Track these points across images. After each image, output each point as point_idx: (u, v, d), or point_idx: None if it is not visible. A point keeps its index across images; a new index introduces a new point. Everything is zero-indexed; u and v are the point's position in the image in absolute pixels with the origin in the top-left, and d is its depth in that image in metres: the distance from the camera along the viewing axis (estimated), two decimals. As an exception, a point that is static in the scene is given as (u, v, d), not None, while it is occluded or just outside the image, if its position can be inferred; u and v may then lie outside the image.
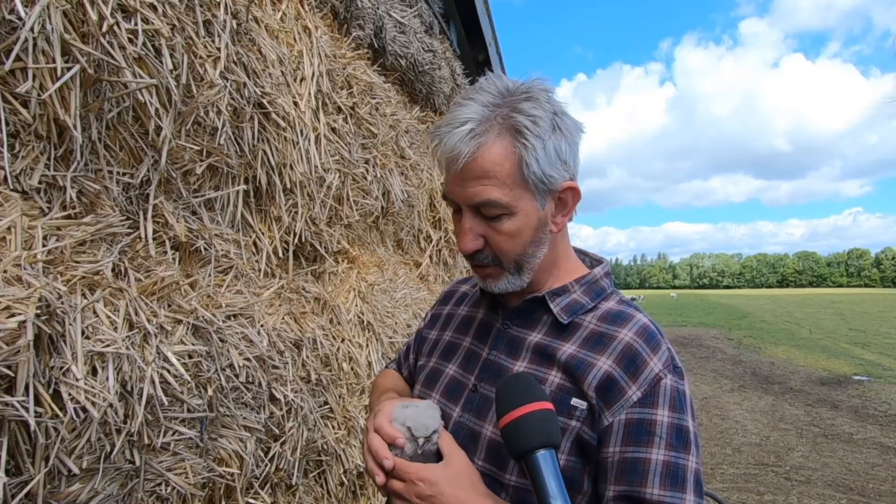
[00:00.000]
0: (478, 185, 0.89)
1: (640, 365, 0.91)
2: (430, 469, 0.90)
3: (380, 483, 0.93)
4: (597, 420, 0.90)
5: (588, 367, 0.92)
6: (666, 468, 0.85)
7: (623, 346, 0.92)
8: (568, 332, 0.98)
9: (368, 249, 2.65)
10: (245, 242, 1.83)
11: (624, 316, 0.98)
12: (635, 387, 0.89)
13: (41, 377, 1.13)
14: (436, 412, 0.97)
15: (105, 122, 1.31)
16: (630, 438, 0.87)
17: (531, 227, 0.94)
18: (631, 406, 0.88)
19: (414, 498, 0.88)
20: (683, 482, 0.85)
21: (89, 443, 1.24)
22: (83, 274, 1.25)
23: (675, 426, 0.88)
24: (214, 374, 1.58)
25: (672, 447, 0.86)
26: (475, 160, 0.87)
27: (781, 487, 5.34)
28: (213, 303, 1.61)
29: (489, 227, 0.93)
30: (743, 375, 11.47)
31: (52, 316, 1.14)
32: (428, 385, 1.10)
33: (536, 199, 0.92)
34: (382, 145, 2.51)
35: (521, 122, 0.87)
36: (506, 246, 0.94)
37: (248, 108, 1.69)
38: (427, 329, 1.25)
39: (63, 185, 1.23)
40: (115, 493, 1.37)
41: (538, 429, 0.77)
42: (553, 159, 0.90)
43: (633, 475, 0.86)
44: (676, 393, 0.90)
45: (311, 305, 2.09)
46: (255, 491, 1.83)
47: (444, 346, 1.14)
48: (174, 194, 1.55)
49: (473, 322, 1.13)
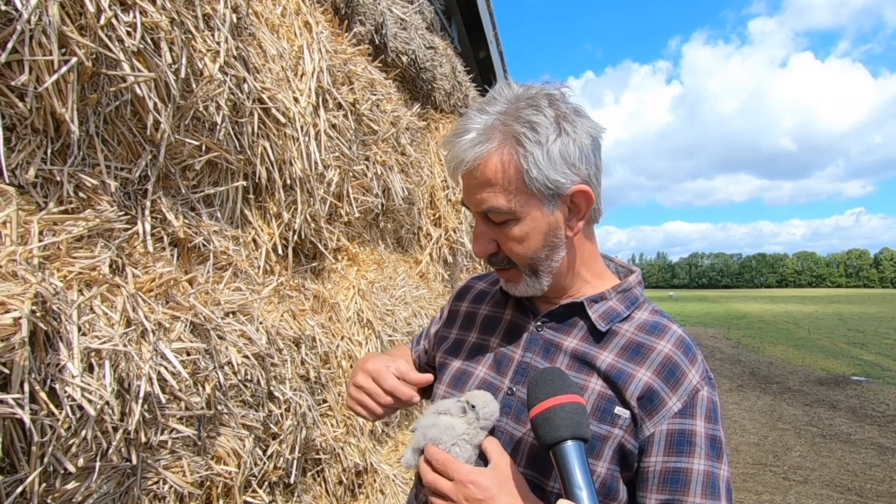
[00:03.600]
0: (482, 192, 0.91)
1: (680, 377, 0.93)
2: (481, 472, 0.89)
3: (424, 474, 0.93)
4: (639, 429, 0.91)
5: (629, 378, 0.93)
6: (706, 478, 0.89)
7: (663, 358, 0.94)
8: (605, 340, 0.99)
9: (368, 247, 2.64)
10: (244, 239, 1.81)
11: (660, 327, 1.00)
12: (675, 398, 0.91)
13: (37, 374, 1.12)
14: (489, 395, 0.96)
15: (103, 116, 1.29)
16: (672, 449, 0.90)
17: (540, 232, 0.94)
18: (672, 417, 0.91)
19: (462, 500, 0.87)
20: (720, 491, 0.89)
21: (85, 441, 1.23)
22: (80, 270, 1.23)
23: (711, 437, 0.91)
24: (213, 372, 1.57)
25: (709, 457, 0.90)
26: (478, 169, 0.90)
27: (779, 487, 5.34)
28: (211, 300, 1.59)
29: (499, 232, 0.95)
30: (741, 375, 11.47)
31: (47, 312, 1.13)
32: (455, 386, 1.08)
33: (544, 205, 0.92)
34: (383, 142, 2.49)
35: (519, 130, 0.89)
36: (516, 250, 0.95)
37: (248, 103, 1.67)
38: (446, 327, 1.23)
39: (60, 179, 1.21)
40: (111, 491, 1.36)
41: (568, 420, 0.78)
42: (558, 164, 0.89)
43: (676, 484, 0.89)
44: (712, 404, 0.93)
45: (310, 303, 2.08)
46: (254, 489, 1.82)
47: (469, 347, 1.12)
48: (172, 190, 1.53)
49: (500, 323, 1.11)
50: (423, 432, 0.97)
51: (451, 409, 0.96)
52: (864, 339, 17.91)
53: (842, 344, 16.49)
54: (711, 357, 14.04)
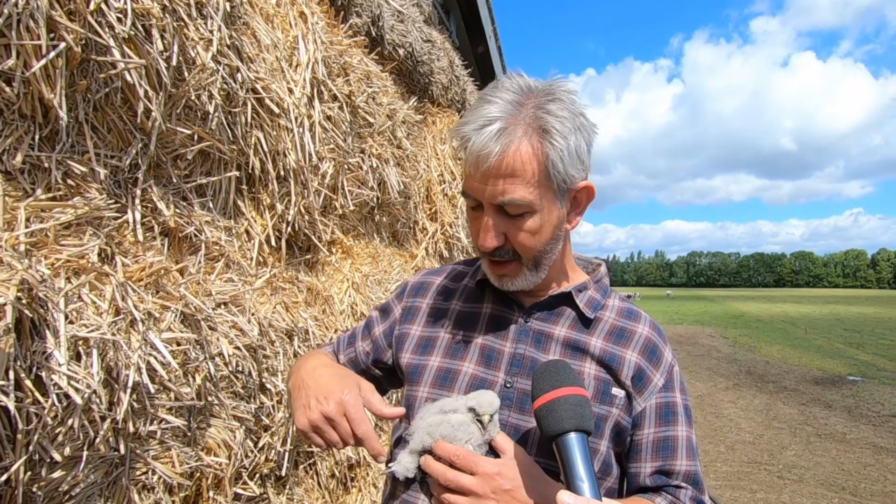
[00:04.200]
0: (504, 183, 0.90)
1: (659, 355, 1.04)
2: (505, 463, 0.89)
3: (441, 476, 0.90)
4: (632, 406, 1.00)
5: (621, 360, 1.02)
6: (687, 442, 1.00)
7: (644, 340, 1.05)
8: (591, 327, 1.06)
9: (363, 240, 2.63)
10: (237, 230, 1.80)
11: (634, 312, 1.10)
12: (658, 374, 1.02)
13: (22, 361, 1.11)
14: (493, 394, 0.94)
15: (92, 102, 1.28)
16: (661, 420, 1.00)
17: (551, 226, 0.96)
18: (658, 392, 1.01)
19: (490, 494, 0.86)
20: (695, 452, 1.02)
21: (72, 430, 1.22)
22: (68, 258, 1.22)
23: (685, 406, 1.04)
24: (203, 363, 1.56)
25: (687, 424, 1.02)
26: (503, 159, 0.89)
27: (774, 486, 5.36)
28: (202, 290, 1.58)
29: (511, 224, 0.95)
30: (738, 374, 11.50)
31: (34, 299, 1.12)
32: (441, 386, 1.05)
33: (557, 198, 0.95)
34: (379, 135, 2.48)
35: (549, 123, 0.89)
36: (527, 243, 0.96)
37: (242, 93, 1.66)
38: (405, 324, 1.18)
39: (48, 166, 1.20)
40: (99, 481, 1.35)
41: (571, 412, 0.79)
42: (574, 159, 0.92)
43: (667, 451, 0.99)
44: (681, 377, 1.06)
45: (303, 295, 2.07)
46: (244, 481, 1.81)
47: (446, 343, 1.10)
48: (164, 179, 1.52)
49: (479, 317, 1.10)
50: (427, 432, 0.94)
51: (458, 407, 0.94)
52: (861, 339, 17.96)
53: (838, 344, 16.54)
54: (708, 356, 14.07)
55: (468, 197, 0.97)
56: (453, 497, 0.89)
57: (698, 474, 1.00)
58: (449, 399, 0.98)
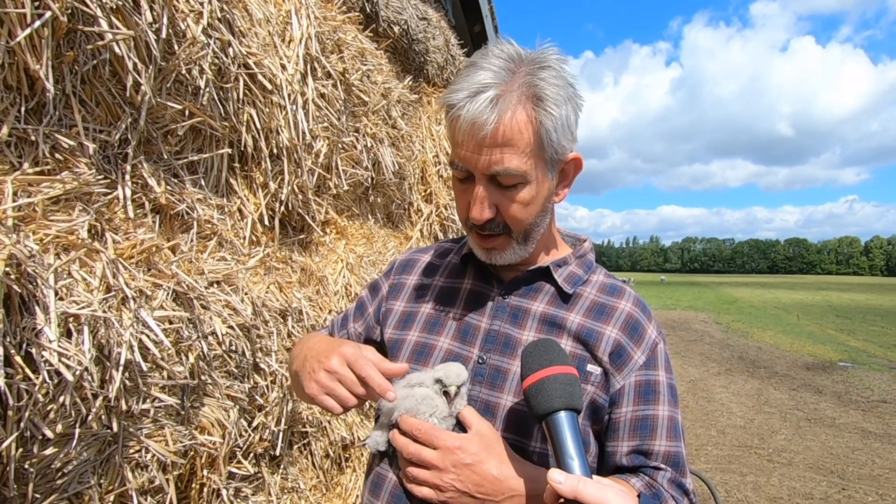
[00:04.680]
0: (498, 153, 0.87)
1: (641, 332, 1.00)
2: (467, 438, 0.89)
3: (405, 449, 0.91)
4: (609, 384, 0.97)
5: (598, 336, 0.98)
6: (669, 422, 0.96)
7: (626, 316, 1.01)
8: (571, 303, 1.03)
9: (357, 221, 2.61)
10: (229, 208, 1.78)
11: (618, 288, 1.07)
12: (640, 352, 0.98)
13: (12, 337, 1.10)
14: (461, 366, 0.95)
15: (80, 75, 1.25)
16: (640, 398, 0.96)
17: (542, 197, 0.94)
18: (638, 369, 0.97)
19: (450, 467, 0.87)
20: (679, 433, 0.97)
21: (64, 407, 1.21)
22: (57, 233, 1.20)
23: (670, 385, 0.99)
24: (196, 342, 1.55)
25: (671, 404, 0.97)
26: (498, 128, 0.86)
27: (764, 469, 5.43)
28: (195, 269, 1.57)
29: (503, 196, 0.92)
30: (730, 359, 11.60)
31: (22, 275, 1.10)
32: (417, 360, 1.05)
33: (548, 169, 0.93)
34: (373, 114, 2.45)
35: (543, 90, 0.87)
36: (519, 215, 0.94)
37: (233, 68, 1.63)
38: (390, 300, 1.18)
39: (35, 139, 1.18)
40: (91, 458, 1.35)
41: (561, 391, 0.78)
42: (565, 130, 0.90)
43: (645, 430, 0.95)
44: (667, 356, 1.01)
45: (297, 275, 2.06)
46: (238, 460, 1.82)
47: (425, 318, 1.10)
48: (154, 155, 1.50)
49: (459, 293, 1.10)
50: (394, 406, 0.94)
51: (424, 381, 0.95)
52: (852, 326, 18.13)
53: (830, 330, 16.70)
54: (701, 341, 14.18)
55: (457, 168, 0.94)
56: (416, 470, 0.90)
57: (679, 456, 0.95)
58: (417, 373, 0.98)
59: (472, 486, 0.87)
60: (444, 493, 0.88)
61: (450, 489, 0.87)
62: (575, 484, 0.71)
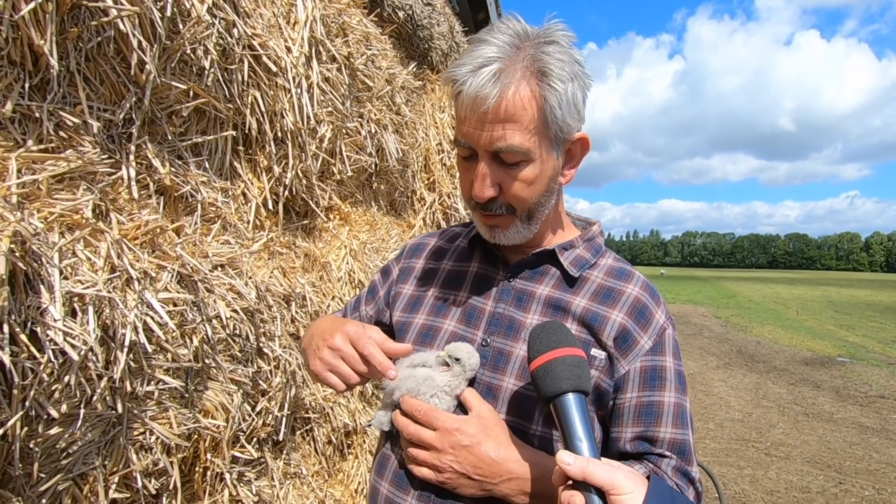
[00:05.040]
0: (501, 129, 0.86)
1: (649, 317, 0.97)
2: (466, 420, 0.90)
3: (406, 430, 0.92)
4: (614, 369, 0.94)
5: (603, 320, 0.96)
6: (676, 409, 0.94)
7: (633, 300, 0.98)
8: (577, 286, 1.01)
9: (361, 207, 2.60)
10: (233, 192, 1.77)
11: (626, 272, 1.04)
12: (646, 336, 0.96)
13: (17, 316, 1.09)
14: (471, 346, 0.95)
15: (84, 52, 1.23)
16: (645, 384, 0.94)
17: (546, 176, 0.92)
18: (644, 354, 0.95)
19: (448, 448, 0.88)
20: (687, 421, 0.95)
21: (69, 387, 1.20)
22: (61, 212, 1.19)
23: (678, 372, 0.97)
24: (200, 325, 1.55)
25: (678, 391, 0.95)
26: (501, 102, 0.84)
27: (761, 462, 5.45)
28: (199, 251, 1.56)
29: (506, 174, 0.91)
30: (729, 353, 11.62)
31: (27, 253, 1.09)
32: (423, 342, 1.05)
33: (553, 148, 0.91)
34: (377, 100, 2.43)
35: (548, 65, 0.85)
36: (522, 194, 0.92)
37: (238, 49, 1.61)
38: (399, 284, 1.18)
39: (39, 116, 1.17)
40: (96, 439, 1.35)
41: (569, 373, 0.78)
42: (571, 108, 0.88)
43: (649, 417, 0.93)
44: (675, 342, 0.99)
45: (301, 261, 2.05)
46: (242, 444, 1.82)
47: (432, 302, 1.10)
48: (159, 136, 1.48)
49: (465, 276, 1.10)
50: (396, 387, 0.95)
51: (427, 360, 0.95)
52: (851, 321, 18.16)
53: (829, 325, 16.72)
54: (700, 335, 14.21)
55: (460, 145, 0.93)
56: (415, 450, 0.91)
57: (686, 444, 0.93)
58: (421, 353, 0.99)
59: (469, 467, 0.87)
60: (442, 473, 0.89)
61: (448, 470, 0.88)
62: (584, 465, 0.71)
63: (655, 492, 0.71)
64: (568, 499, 0.72)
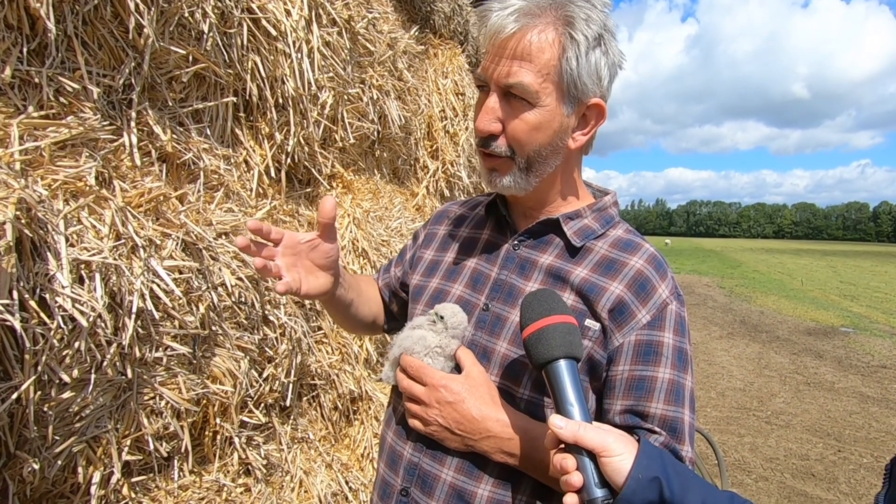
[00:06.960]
0: (514, 65, 0.87)
1: (650, 290, 0.95)
2: (453, 377, 0.94)
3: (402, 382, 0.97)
4: (608, 340, 0.93)
5: (601, 291, 0.95)
6: (670, 385, 0.91)
7: (634, 273, 0.96)
8: (580, 256, 1.00)
9: (363, 175, 2.58)
10: (235, 159, 1.76)
11: (633, 244, 1.01)
12: (645, 310, 0.93)
13: (25, 282, 1.10)
14: (465, 315, 0.99)
15: (81, 15, 1.21)
16: (639, 358, 0.92)
17: (551, 128, 0.92)
18: (641, 328, 0.93)
19: (434, 403, 0.93)
20: (683, 399, 0.92)
21: (79, 352, 1.22)
22: (65, 179, 1.20)
23: (678, 348, 0.94)
24: (206, 292, 1.56)
25: (675, 367, 0.92)
26: (518, 39, 0.86)
27: (761, 431, 5.52)
28: (203, 219, 1.56)
29: (511, 112, 0.91)
30: (732, 323, 11.67)
31: (33, 220, 1.10)
32: (432, 305, 1.08)
33: (564, 103, 0.91)
34: (379, 65, 2.39)
35: (574, 15, 0.87)
36: (523, 137, 0.92)
37: (237, 12, 1.58)
38: (422, 248, 1.22)
39: (38, 82, 1.15)
40: (108, 404, 1.38)
41: (561, 340, 0.79)
42: (591, 69, 0.89)
43: (640, 391, 0.91)
44: (680, 319, 0.95)
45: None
46: (250, 410, 1.85)
47: (446, 267, 1.13)
48: (159, 102, 1.47)
49: (478, 243, 1.12)
50: (398, 345, 1.02)
51: (422, 322, 1.01)
52: (856, 291, 18.15)
53: (833, 296, 16.72)
54: (704, 304, 14.25)
55: (479, 78, 0.94)
56: (408, 403, 0.98)
57: (678, 422, 0.91)
58: (420, 315, 1.05)
59: (452, 422, 0.92)
60: (428, 426, 0.94)
61: (433, 423, 0.93)
62: (575, 429, 0.73)
63: (645, 454, 0.72)
64: (560, 462, 0.74)
